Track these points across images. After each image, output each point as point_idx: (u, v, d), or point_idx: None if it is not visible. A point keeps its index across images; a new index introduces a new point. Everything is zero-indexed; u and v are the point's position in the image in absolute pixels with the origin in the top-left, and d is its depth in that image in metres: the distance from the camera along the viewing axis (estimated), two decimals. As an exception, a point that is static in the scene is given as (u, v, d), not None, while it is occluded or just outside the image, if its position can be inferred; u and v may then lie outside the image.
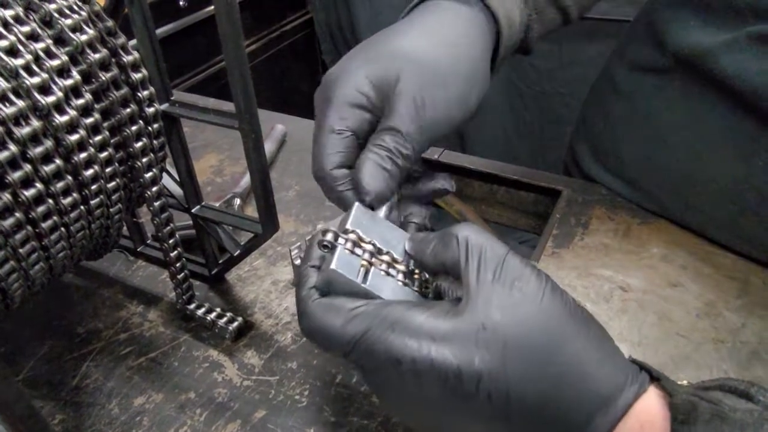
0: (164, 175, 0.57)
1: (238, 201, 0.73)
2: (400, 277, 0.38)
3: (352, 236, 0.37)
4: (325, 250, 0.37)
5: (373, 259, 0.37)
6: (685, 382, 0.47)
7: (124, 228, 0.64)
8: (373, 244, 0.38)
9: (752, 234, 0.61)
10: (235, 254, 0.59)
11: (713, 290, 0.60)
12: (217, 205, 0.71)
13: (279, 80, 2.49)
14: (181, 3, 1.94)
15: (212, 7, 0.42)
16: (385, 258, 0.38)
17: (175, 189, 0.58)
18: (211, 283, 0.64)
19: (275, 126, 0.87)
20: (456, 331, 0.32)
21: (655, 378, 0.34)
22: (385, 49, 0.45)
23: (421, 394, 0.32)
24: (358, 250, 0.37)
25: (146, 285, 0.64)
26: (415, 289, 0.38)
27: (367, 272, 0.36)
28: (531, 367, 0.31)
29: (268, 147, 0.83)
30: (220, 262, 0.62)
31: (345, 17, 2.18)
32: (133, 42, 0.48)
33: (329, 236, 0.36)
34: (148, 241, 0.65)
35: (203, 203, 0.58)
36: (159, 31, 1.68)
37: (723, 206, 0.62)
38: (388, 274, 0.37)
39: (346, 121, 0.43)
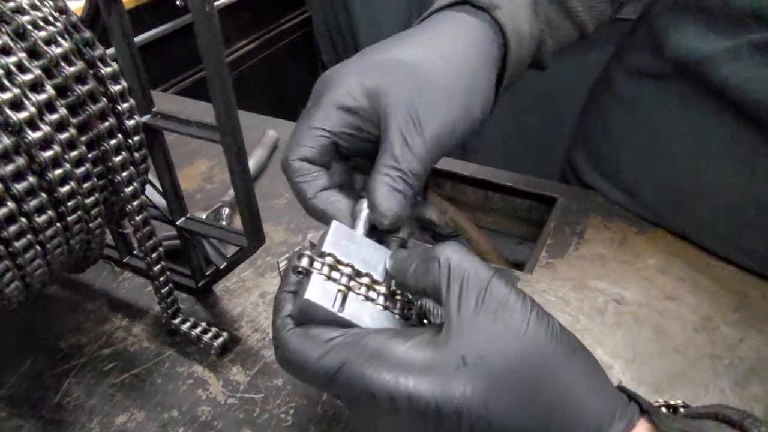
0: (149, 186, 0.56)
1: (226, 210, 0.72)
2: (381, 300, 0.36)
3: (328, 259, 0.36)
4: (300, 276, 0.35)
5: (352, 283, 0.36)
6: (680, 402, 0.46)
7: (110, 238, 0.63)
8: (352, 267, 0.36)
9: (751, 246, 0.59)
10: (221, 267, 0.58)
11: (711, 303, 0.59)
12: (204, 215, 0.70)
13: (277, 79, 2.48)
14: (177, 2, 1.93)
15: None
16: (365, 281, 0.36)
17: (160, 200, 0.57)
18: (198, 295, 0.62)
19: (267, 131, 0.86)
20: (435, 365, 0.30)
21: (645, 410, 0.32)
22: (382, 58, 0.44)
23: (400, 429, 0.31)
24: (335, 274, 0.35)
25: (132, 297, 0.63)
26: (396, 312, 0.36)
27: (344, 298, 0.35)
28: (514, 403, 0.30)
29: (259, 153, 0.82)
30: (207, 274, 0.61)
31: (343, 16, 2.16)
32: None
33: (304, 261, 0.35)
34: (135, 252, 0.64)
35: (188, 215, 0.57)
36: (156, 30, 1.68)
37: (722, 217, 0.61)
38: (367, 298, 0.36)
39: (329, 122, 0.42)
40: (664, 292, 0.60)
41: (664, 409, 0.47)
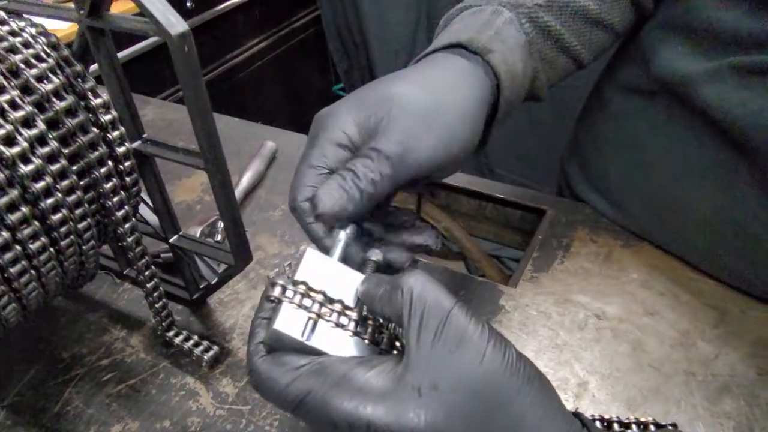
0: (143, 205, 0.59)
1: (221, 224, 0.74)
2: (351, 326, 0.38)
3: (300, 288, 0.37)
4: (272, 304, 0.37)
5: (323, 310, 0.37)
6: (650, 419, 0.48)
7: (110, 251, 0.66)
8: (324, 294, 0.38)
9: (730, 264, 0.60)
10: (213, 282, 0.60)
11: (690, 319, 0.60)
12: (200, 228, 0.72)
13: (289, 77, 2.50)
14: (188, 4, 1.96)
15: (220, 7, 0.43)
16: (336, 307, 0.38)
17: (153, 219, 0.59)
18: (192, 307, 0.65)
19: (265, 143, 0.88)
20: (392, 394, 0.32)
21: None
22: (375, 95, 0.46)
23: None
24: (306, 302, 0.37)
25: (131, 308, 0.66)
26: (366, 337, 0.38)
27: (314, 326, 0.36)
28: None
29: (257, 164, 0.84)
30: (200, 287, 0.63)
31: (352, 15, 2.17)
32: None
33: (276, 290, 0.37)
34: (134, 268, 0.66)
35: (180, 233, 0.59)
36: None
37: (702, 234, 0.61)
38: (337, 325, 0.37)
39: (326, 159, 0.44)
40: (645, 307, 0.61)
41: (634, 427, 0.49)
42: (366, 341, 0.38)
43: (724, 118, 0.55)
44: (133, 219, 0.52)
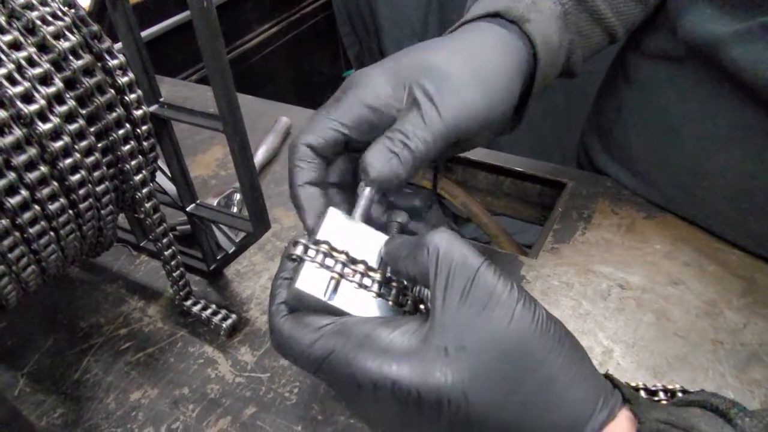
0: (160, 173, 0.58)
1: (237, 196, 0.74)
2: (375, 287, 0.36)
3: (323, 247, 0.36)
4: (294, 263, 0.36)
5: (346, 270, 0.36)
6: (678, 387, 0.46)
7: (127, 223, 0.66)
8: (346, 254, 0.37)
9: (759, 231, 0.59)
10: (230, 252, 0.60)
11: (716, 289, 0.58)
12: (216, 201, 0.72)
13: (300, 63, 2.49)
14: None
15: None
16: (359, 268, 0.37)
17: (171, 187, 0.59)
18: (210, 278, 0.65)
19: (279, 118, 0.88)
20: (418, 354, 0.31)
21: (627, 399, 0.33)
22: (411, 61, 0.45)
23: (383, 415, 0.32)
24: (329, 262, 0.36)
25: (148, 280, 0.66)
26: (390, 299, 0.37)
27: (337, 286, 0.35)
28: (494, 394, 0.30)
29: (271, 139, 0.84)
30: (218, 258, 0.63)
31: (363, -1, 2.15)
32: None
33: (298, 249, 0.36)
34: (151, 236, 0.66)
35: (198, 201, 0.58)
36: (177, 18, 1.69)
37: (731, 202, 0.60)
38: (360, 285, 0.36)
39: (349, 115, 0.43)
40: (669, 277, 0.60)
41: (661, 394, 0.48)
42: (390, 303, 0.37)
43: (753, 79, 0.53)
44: (151, 184, 0.51)
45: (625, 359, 0.53)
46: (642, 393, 0.46)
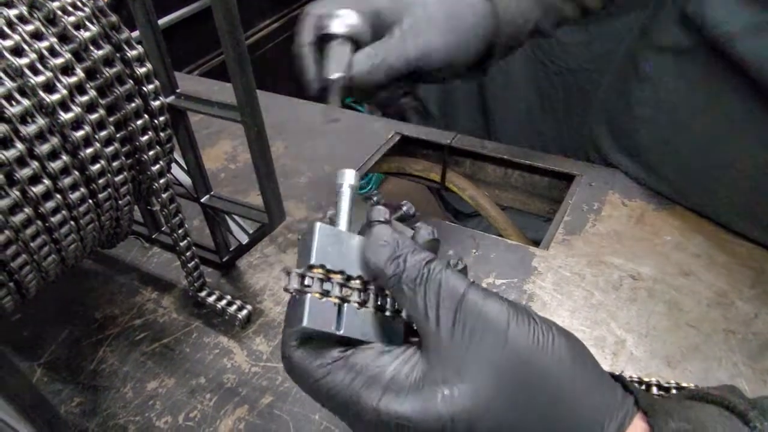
0: (174, 165, 0.58)
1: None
2: (371, 301, 0.35)
3: (319, 272, 0.34)
4: (295, 295, 0.34)
5: (344, 291, 0.35)
6: (691, 385, 0.46)
7: (139, 216, 0.66)
8: (342, 273, 0.35)
9: (768, 222, 0.59)
10: (244, 243, 0.60)
11: (726, 279, 0.59)
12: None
13: (300, 59, 2.48)
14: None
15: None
16: (357, 284, 0.35)
17: (185, 178, 0.59)
18: (223, 269, 0.65)
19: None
20: (418, 389, 0.31)
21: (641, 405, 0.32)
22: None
23: None
24: (327, 285, 0.34)
25: (161, 271, 0.66)
26: (388, 310, 0.35)
27: (339, 311, 0.34)
28: (499, 422, 0.30)
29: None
30: (231, 249, 0.63)
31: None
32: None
33: (294, 283, 0.34)
34: (163, 228, 0.66)
35: (212, 192, 0.59)
36: (184, 10, 1.69)
37: (740, 192, 0.60)
38: (361, 305, 0.35)
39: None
40: (680, 268, 0.61)
41: (674, 391, 0.47)
42: (388, 313, 0.36)
43: (761, 73, 0.54)
44: (168, 175, 0.52)
45: (638, 349, 0.53)
46: (654, 389, 0.46)
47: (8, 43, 0.40)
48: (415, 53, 0.57)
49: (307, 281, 0.34)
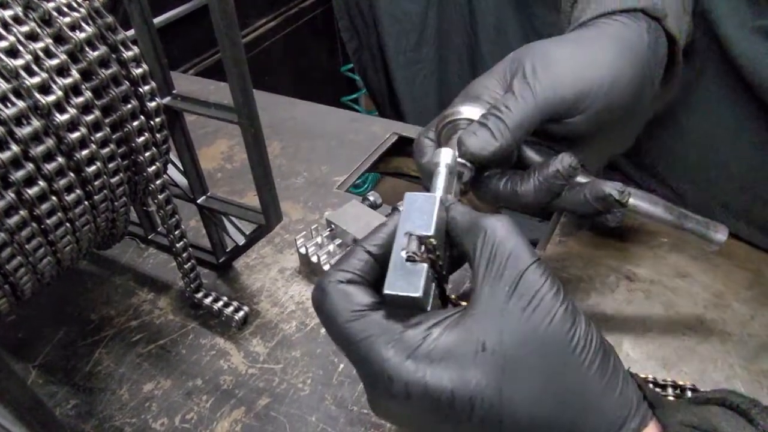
0: (170, 166, 0.58)
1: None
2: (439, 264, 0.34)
3: (432, 242, 0.33)
4: (409, 263, 0.33)
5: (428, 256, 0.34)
6: (688, 384, 0.47)
7: (134, 216, 0.65)
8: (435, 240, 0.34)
9: (765, 223, 0.59)
10: (241, 244, 0.60)
11: (723, 281, 0.59)
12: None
13: (298, 57, 2.48)
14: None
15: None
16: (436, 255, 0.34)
17: (181, 179, 0.59)
18: (219, 270, 0.65)
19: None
20: (455, 350, 0.31)
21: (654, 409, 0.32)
22: (533, 47, 0.47)
23: (411, 413, 0.31)
24: (432, 256, 0.33)
25: (157, 272, 0.66)
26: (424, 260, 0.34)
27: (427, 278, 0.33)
28: (528, 396, 0.30)
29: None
30: (227, 250, 0.63)
31: (362, -7, 2.14)
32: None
33: (413, 247, 0.33)
34: (159, 229, 0.66)
35: (208, 193, 0.59)
36: (178, 9, 1.68)
37: (736, 194, 0.61)
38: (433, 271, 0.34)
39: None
40: (677, 269, 0.61)
41: (670, 389, 0.48)
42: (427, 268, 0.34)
43: (753, 77, 0.54)
44: (165, 175, 0.51)
45: (635, 350, 0.53)
46: (650, 387, 0.46)
47: (3, 44, 0.39)
48: (543, 92, 0.45)
49: (423, 250, 0.33)
